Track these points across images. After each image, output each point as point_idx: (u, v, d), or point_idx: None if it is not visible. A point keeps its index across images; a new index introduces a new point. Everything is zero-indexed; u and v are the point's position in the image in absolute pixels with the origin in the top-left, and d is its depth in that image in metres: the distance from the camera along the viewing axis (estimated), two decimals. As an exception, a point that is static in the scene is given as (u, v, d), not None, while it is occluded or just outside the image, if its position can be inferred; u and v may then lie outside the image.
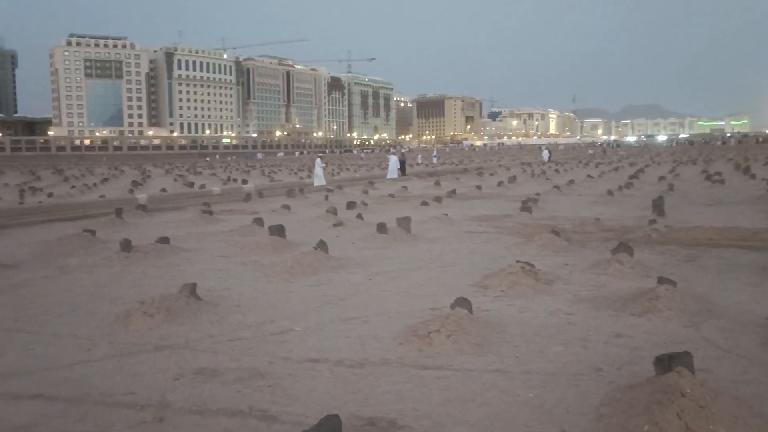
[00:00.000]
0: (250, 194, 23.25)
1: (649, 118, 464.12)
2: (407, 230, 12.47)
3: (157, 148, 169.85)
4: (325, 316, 6.77)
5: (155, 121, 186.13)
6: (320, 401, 4.44)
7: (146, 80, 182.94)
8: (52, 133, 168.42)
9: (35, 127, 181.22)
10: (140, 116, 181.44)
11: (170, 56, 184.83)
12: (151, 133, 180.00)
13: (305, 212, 17.51)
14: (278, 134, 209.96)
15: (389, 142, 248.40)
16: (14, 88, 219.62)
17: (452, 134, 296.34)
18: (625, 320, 6.28)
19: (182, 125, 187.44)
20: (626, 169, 40.58)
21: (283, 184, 32.54)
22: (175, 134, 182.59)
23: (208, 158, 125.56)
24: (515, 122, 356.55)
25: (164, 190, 27.81)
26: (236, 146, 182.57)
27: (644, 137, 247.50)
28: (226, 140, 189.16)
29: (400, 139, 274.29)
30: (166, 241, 11.31)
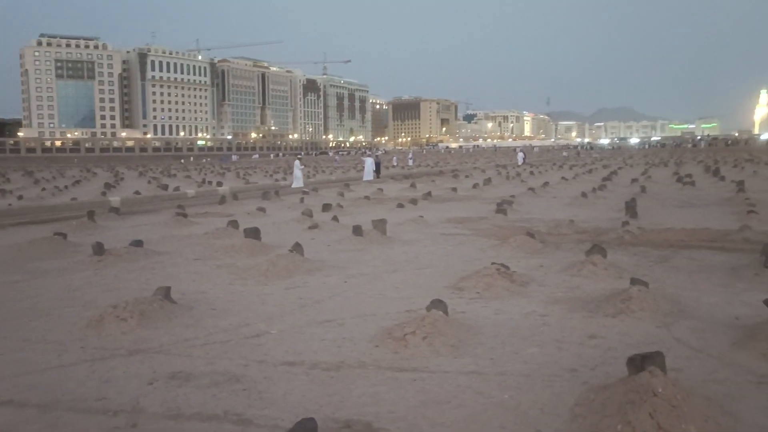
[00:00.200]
0: (224, 197, 23.06)
1: (621, 120, 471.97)
2: (383, 232, 12.48)
3: (130, 150, 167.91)
4: (300, 318, 6.74)
5: (128, 122, 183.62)
6: (296, 404, 4.42)
7: (119, 81, 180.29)
8: (21, 134, 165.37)
9: (5, 128, 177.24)
10: (113, 118, 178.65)
11: (143, 57, 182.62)
12: (124, 134, 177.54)
13: (280, 215, 17.42)
14: (253, 136, 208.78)
15: (365, 144, 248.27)
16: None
17: (428, 136, 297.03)
18: (598, 321, 6.34)
19: (156, 127, 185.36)
20: (600, 171, 41.09)
21: (258, 186, 32.35)
22: (148, 136, 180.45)
23: (182, 160, 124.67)
24: (490, 124, 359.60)
25: (138, 192, 27.50)
26: (211, 148, 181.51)
27: (617, 140, 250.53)
28: (200, 142, 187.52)
29: (375, 141, 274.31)
30: (139, 244, 11.17)
